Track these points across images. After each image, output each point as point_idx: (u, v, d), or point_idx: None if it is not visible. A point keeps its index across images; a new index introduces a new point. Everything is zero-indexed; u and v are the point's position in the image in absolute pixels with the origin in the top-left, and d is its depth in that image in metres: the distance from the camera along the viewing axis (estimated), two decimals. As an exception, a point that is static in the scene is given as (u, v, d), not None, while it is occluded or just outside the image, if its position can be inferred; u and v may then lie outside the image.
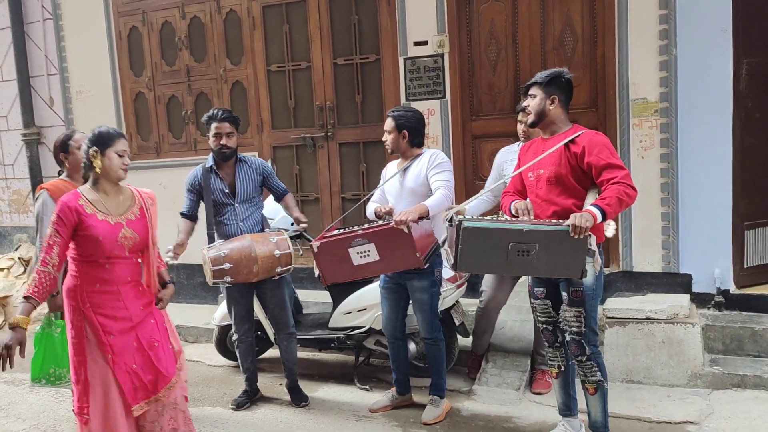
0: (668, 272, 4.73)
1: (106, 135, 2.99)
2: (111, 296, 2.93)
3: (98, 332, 2.88)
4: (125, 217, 2.98)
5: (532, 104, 3.24)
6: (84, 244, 2.88)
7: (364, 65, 5.65)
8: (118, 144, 3.00)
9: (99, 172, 2.95)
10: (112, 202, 2.99)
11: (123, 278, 2.96)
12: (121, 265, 2.95)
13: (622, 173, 2.97)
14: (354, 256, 3.56)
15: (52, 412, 4.38)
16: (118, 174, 3.00)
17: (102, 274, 2.91)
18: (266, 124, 6.07)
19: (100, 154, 2.94)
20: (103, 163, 2.95)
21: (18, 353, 2.71)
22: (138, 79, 6.57)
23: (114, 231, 2.91)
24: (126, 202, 3.04)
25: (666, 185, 4.66)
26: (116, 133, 3.03)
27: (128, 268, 2.98)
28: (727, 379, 4.10)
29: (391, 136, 3.83)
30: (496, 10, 5.17)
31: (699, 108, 4.55)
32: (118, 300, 2.94)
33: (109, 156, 2.96)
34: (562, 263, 2.93)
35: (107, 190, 2.99)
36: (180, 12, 6.26)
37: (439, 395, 3.95)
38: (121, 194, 3.05)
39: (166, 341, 3.07)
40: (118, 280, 2.94)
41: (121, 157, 3.00)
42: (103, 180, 2.97)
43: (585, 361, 3.20)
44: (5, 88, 7.41)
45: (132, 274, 3.00)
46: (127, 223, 2.97)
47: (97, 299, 2.91)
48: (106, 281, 2.92)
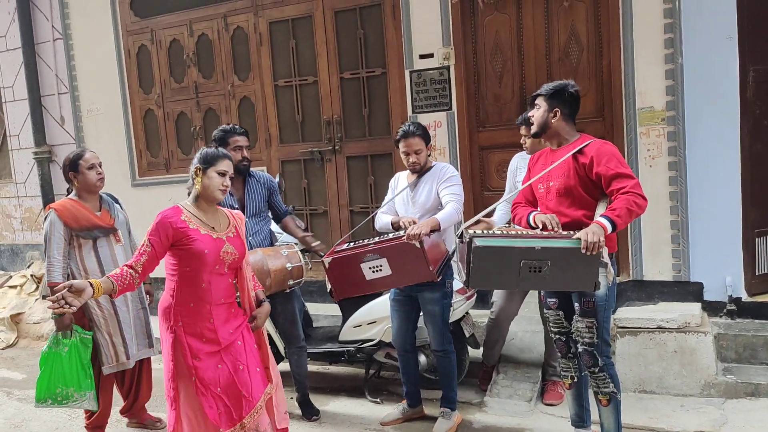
0: (679, 281, 4.71)
1: (211, 154, 2.99)
2: (202, 317, 2.89)
3: (186, 354, 2.84)
4: (225, 234, 2.97)
5: (535, 115, 3.24)
6: (186, 259, 2.85)
7: (371, 79, 5.69)
8: (220, 164, 2.98)
9: (199, 189, 2.96)
10: (211, 219, 2.98)
11: (217, 299, 2.91)
12: (218, 285, 2.91)
13: (631, 183, 2.94)
14: (366, 271, 3.55)
15: (65, 429, 4.39)
16: (215, 195, 2.97)
17: (198, 292, 2.87)
18: (274, 138, 6.11)
19: (203, 172, 2.95)
20: (203, 181, 2.95)
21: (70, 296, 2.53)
22: (147, 97, 6.64)
23: (217, 246, 2.89)
24: (224, 221, 3.04)
25: (675, 193, 4.65)
26: (221, 154, 3.02)
27: (224, 287, 2.95)
28: (741, 388, 4.06)
29: (422, 153, 3.78)
30: (500, 22, 5.20)
31: (706, 116, 4.54)
32: (209, 321, 2.89)
33: (209, 175, 2.95)
34: (575, 277, 2.90)
35: (205, 208, 2.98)
36: (188, 30, 6.33)
37: (450, 407, 3.93)
38: (218, 213, 3.05)
39: (253, 364, 3.00)
40: (212, 300, 2.90)
41: (221, 177, 2.97)
42: (201, 198, 2.97)
43: (598, 373, 3.18)
44: (17, 107, 7.50)
45: (226, 294, 2.96)
46: (228, 239, 2.96)
47: (189, 319, 2.87)
48: (200, 300, 2.88)
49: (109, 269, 3.92)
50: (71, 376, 3.79)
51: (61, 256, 3.84)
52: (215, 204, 3.03)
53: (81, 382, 3.79)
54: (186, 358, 2.84)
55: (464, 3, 5.23)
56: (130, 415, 4.27)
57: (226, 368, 2.89)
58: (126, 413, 4.27)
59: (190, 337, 2.85)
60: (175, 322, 2.87)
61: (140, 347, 4.08)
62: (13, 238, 7.91)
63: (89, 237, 3.88)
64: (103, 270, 3.91)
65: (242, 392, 2.89)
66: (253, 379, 2.95)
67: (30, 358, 6.10)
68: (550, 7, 5.03)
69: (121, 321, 3.95)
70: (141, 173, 6.69)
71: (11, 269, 7.85)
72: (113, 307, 3.93)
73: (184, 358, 2.84)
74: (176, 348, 2.87)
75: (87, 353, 3.84)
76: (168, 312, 2.89)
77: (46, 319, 6.62)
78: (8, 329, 6.67)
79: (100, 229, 3.91)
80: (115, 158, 6.57)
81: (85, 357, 3.83)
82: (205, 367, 2.85)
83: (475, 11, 5.26)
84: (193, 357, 2.84)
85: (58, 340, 3.82)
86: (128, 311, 4.00)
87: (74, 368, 3.79)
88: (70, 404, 3.84)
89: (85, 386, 3.80)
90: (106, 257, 3.94)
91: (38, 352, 6.04)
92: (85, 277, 3.90)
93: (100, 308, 3.91)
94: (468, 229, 3.00)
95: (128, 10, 6.59)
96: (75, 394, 3.79)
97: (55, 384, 3.78)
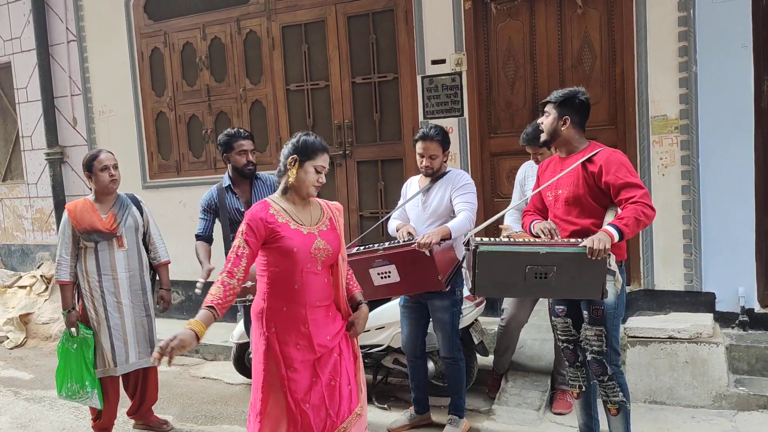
0: (691, 291, 4.66)
1: (310, 145, 2.71)
2: (297, 322, 2.63)
3: (279, 363, 2.61)
4: (317, 228, 2.71)
5: (545, 123, 3.22)
6: (276, 257, 2.62)
7: (382, 84, 5.69)
8: (319, 159, 2.70)
9: (291, 182, 2.70)
10: (302, 212, 2.73)
11: (312, 301, 2.65)
12: (313, 285, 2.66)
13: (640, 192, 2.92)
14: (375, 277, 3.54)
15: (72, 429, 4.39)
16: (309, 191, 2.72)
17: (290, 294, 2.63)
18: (285, 142, 6.09)
19: (299, 164, 2.68)
20: (298, 174, 2.68)
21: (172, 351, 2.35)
22: (159, 99, 6.67)
23: (307, 242, 2.64)
24: (316, 213, 2.78)
25: (687, 202, 4.61)
26: (321, 147, 2.73)
27: (319, 288, 2.68)
28: (753, 400, 4.01)
29: (437, 159, 3.74)
30: (513, 29, 5.19)
31: (720, 125, 4.51)
32: (304, 326, 2.64)
33: (306, 169, 2.68)
34: (581, 284, 2.88)
35: (296, 201, 2.73)
36: (201, 33, 6.36)
37: (458, 415, 3.90)
38: (310, 205, 2.79)
39: (345, 381, 2.73)
40: (307, 302, 2.64)
41: (318, 174, 2.71)
42: (293, 191, 2.72)
43: (607, 381, 3.14)
44: (30, 108, 7.56)
45: (322, 296, 2.69)
46: (320, 233, 2.70)
47: (283, 325, 2.63)
48: (293, 303, 2.63)
49: (107, 274, 3.93)
50: (78, 373, 3.89)
51: (69, 255, 3.89)
52: (305, 197, 2.76)
53: (85, 379, 3.86)
54: (280, 369, 2.61)
55: (477, 9, 5.22)
56: (136, 417, 4.27)
57: (320, 383, 2.64)
58: (133, 415, 4.27)
59: (283, 345, 2.62)
60: (268, 328, 2.63)
61: (141, 355, 4.05)
62: (24, 238, 7.96)
63: (90, 240, 3.90)
64: (101, 274, 3.92)
65: (329, 411, 2.65)
66: (342, 397, 2.70)
67: (38, 358, 6.12)
68: (563, 14, 5.02)
69: (111, 327, 3.94)
70: (152, 175, 6.71)
71: (21, 269, 7.89)
72: (105, 312, 3.93)
73: (278, 368, 2.61)
74: (269, 356, 2.63)
75: (89, 351, 3.91)
76: (260, 317, 2.66)
77: (54, 319, 6.65)
78: (17, 329, 6.69)
79: (100, 233, 3.91)
80: (127, 160, 6.58)
81: (88, 355, 3.88)
82: (299, 379, 2.61)
83: (487, 17, 5.25)
84: (287, 367, 2.61)
85: (68, 336, 3.92)
86: (122, 318, 3.97)
87: (80, 365, 3.89)
88: (77, 399, 3.95)
89: (90, 384, 3.87)
90: (104, 262, 3.94)
91: (47, 352, 6.13)
92: (86, 279, 3.92)
93: (94, 310, 3.94)
94: (475, 237, 2.99)
95: (142, 13, 6.63)
96: (80, 390, 3.88)
97: (68, 379, 3.90)
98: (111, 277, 3.95)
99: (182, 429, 4.30)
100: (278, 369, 2.61)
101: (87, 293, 3.93)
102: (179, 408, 4.65)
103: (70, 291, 3.93)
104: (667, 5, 4.56)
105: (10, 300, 7.21)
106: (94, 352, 3.92)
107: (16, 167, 8.02)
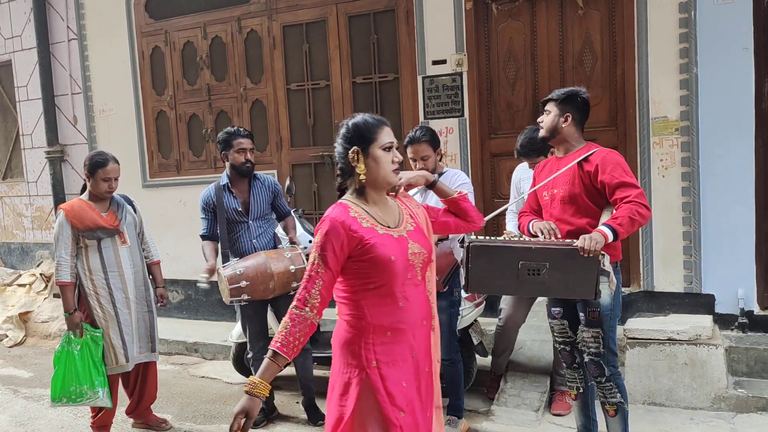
0: (690, 292, 4.66)
1: (364, 126, 2.17)
2: (404, 350, 2.12)
3: (385, 406, 2.06)
4: (405, 229, 2.21)
5: (545, 120, 3.23)
6: (369, 272, 2.09)
7: (383, 84, 5.69)
8: (381, 135, 2.16)
9: (363, 178, 2.15)
10: (385, 212, 2.21)
11: (418, 320, 2.17)
12: (416, 300, 2.16)
13: (635, 192, 2.93)
14: None
15: (71, 428, 4.39)
16: (389, 178, 2.18)
17: (395, 314, 2.10)
18: (285, 142, 6.11)
19: (363, 155, 2.14)
20: (368, 165, 2.15)
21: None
22: (160, 98, 6.67)
23: (402, 246, 2.14)
24: (395, 211, 2.26)
25: (687, 204, 4.61)
26: (377, 122, 2.19)
27: (422, 302, 2.20)
28: (752, 402, 4.01)
29: (430, 159, 3.71)
30: (514, 29, 5.19)
31: (721, 127, 4.51)
32: (411, 355, 2.13)
33: (374, 155, 2.15)
34: (574, 282, 2.88)
35: (375, 199, 2.20)
36: (202, 32, 6.36)
37: (456, 415, 3.90)
38: (388, 202, 2.27)
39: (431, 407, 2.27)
40: (413, 323, 2.14)
41: (389, 152, 2.17)
42: (370, 188, 2.18)
43: (604, 383, 3.15)
44: (30, 106, 7.56)
45: (426, 312, 2.21)
46: (409, 235, 2.19)
47: (388, 356, 2.09)
48: (400, 325, 2.11)
49: (113, 271, 3.95)
50: (84, 374, 3.84)
51: (69, 255, 3.89)
52: (385, 191, 2.25)
53: (94, 379, 3.85)
54: (385, 411, 2.06)
55: (478, 10, 5.22)
56: (135, 416, 4.27)
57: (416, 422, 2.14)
58: (131, 414, 4.26)
59: (390, 383, 2.07)
60: (368, 361, 2.07)
61: (142, 350, 4.09)
62: (24, 236, 7.96)
63: (93, 238, 3.91)
64: (107, 271, 3.94)
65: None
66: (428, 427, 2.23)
67: (37, 356, 6.12)
68: (564, 15, 5.02)
69: (121, 323, 3.96)
70: (152, 174, 6.71)
71: (21, 268, 7.89)
72: (114, 308, 3.94)
73: (383, 410, 2.06)
74: (365, 397, 2.06)
75: (98, 350, 3.89)
76: (354, 349, 2.10)
77: (54, 317, 6.65)
78: (16, 327, 6.69)
79: (104, 230, 3.93)
80: (127, 159, 6.56)
81: (97, 354, 3.88)
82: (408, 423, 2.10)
83: (488, 18, 5.25)
84: (395, 408, 2.06)
85: (70, 339, 3.89)
86: (130, 313, 4.01)
87: (87, 366, 3.86)
88: (84, 402, 3.90)
89: (99, 383, 3.86)
90: (110, 258, 3.96)
91: (46, 350, 6.12)
92: (89, 278, 3.92)
93: (101, 308, 3.93)
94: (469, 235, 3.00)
95: (143, 11, 6.63)
96: (89, 391, 3.85)
97: (69, 382, 3.86)
98: (117, 273, 3.98)
99: (181, 428, 4.30)
100: (382, 412, 2.06)
101: (91, 292, 3.93)
102: (178, 407, 4.65)
103: (71, 292, 3.92)
104: (668, 7, 4.56)
105: (10, 298, 7.21)
106: (102, 350, 3.92)
107: (17, 165, 8.02)
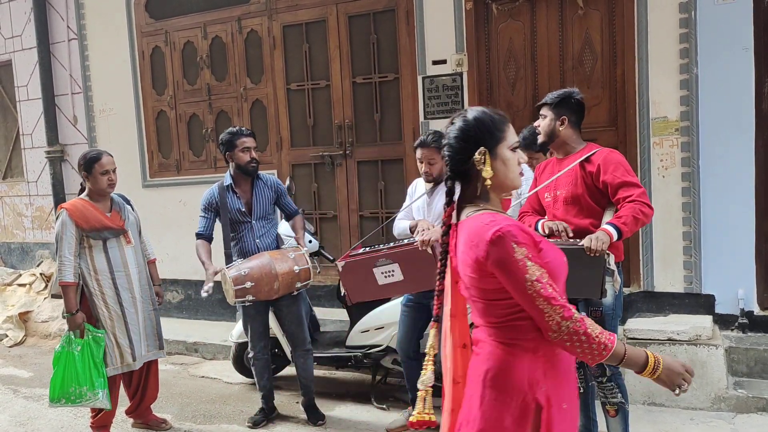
0: (690, 293, 4.66)
1: (490, 123, 1.86)
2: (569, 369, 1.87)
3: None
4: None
5: (542, 125, 3.24)
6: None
7: (383, 84, 5.68)
8: (509, 133, 1.88)
9: (490, 183, 1.85)
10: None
11: None
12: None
13: (638, 191, 2.94)
14: (378, 276, 3.60)
15: (71, 428, 4.39)
16: (516, 182, 1.91)
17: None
18: (285, 142, 6.11)
19: (491, 156, 1.84)
20: (496, 167, 1.85)
21: None
22: (160, 98, 6.67)
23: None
24: None
25: (687, 204, 4.61)
26: (501, 117, 1.90)
27: None
28: (752, 402, 4.01)
29: (436, 165, 3.69)
30: (514, 29, 5.19)
31: (721, 127, 4.51)
32: (573, 373, 1.90)
33: (502, 156, 1.86)
34: (580, 282, 2.88)
35: (499, 206, 1.93)
36: (202, 32, 6.35)
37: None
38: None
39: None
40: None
41: (515, 152, 1.89)
42: (494, 193, 1.91)
43: (605, 383, 3.15)
44: (31, 106, 7.55)
45: None
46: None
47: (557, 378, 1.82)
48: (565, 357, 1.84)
49: (119, 271, 3.96)
50: (84, 375, 3.82)
51: (72, 255, 3.87)
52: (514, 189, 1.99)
53: (94, 380, 3.83)
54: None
55: (478, 10, 5.22)
56: (135, 416, 4.27)
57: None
58: (131, 414, 4.26)
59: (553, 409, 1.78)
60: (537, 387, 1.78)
61: (150, 348, 4.10)
62: (24, 236, 7.95)
63: (99, 238, 3.90)
64: (113, 271, 3.94)
65: None
66: None
67: (37, 356, 6.11)
68: (564, 15, 5.01)
69: (128, 322, 3.96)
70: (152, 174, 6.71)
71: (21, 267, 7.89)
72: (120, 307, 3.95)
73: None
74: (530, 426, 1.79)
75: (99, 351, 3.88)
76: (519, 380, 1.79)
77: (54, 317, 6.65)
78: (16, 327, 6.69)
79: (110, 230, 3.93)
80: (127, 159, 6.58)
81: (98, 355, 3.87)
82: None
83: (489, 18, 5.25)
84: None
85: (70, 339, 3.86)
86: (137, 312, 4.02)
87: (87, 367, 3.84)
88: (83, 403, 3.88)
89: (99, 385, 3.84)
90: (116, 258, 3.97)
91: (46, 350, 6.11)
92: (94, 278, 3.92)
93: (107, 308, 3.92)
94: None
95: (143, 11, 6.63)
96: (88, 392, 3.83)
97: (69, 383, 3.83)
98: (124, 273, 3.98)
99: (181, 428, 4.30)
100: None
101: (97, 292, 3.92)
102: (178, 407, 4.65)
103: (74, 292, 3.89)
104: (668, 7, 4.55)
105: (10, 298, 7.21)
106: (104, 351, 3.91)
107: (17, 165, 8.01)
